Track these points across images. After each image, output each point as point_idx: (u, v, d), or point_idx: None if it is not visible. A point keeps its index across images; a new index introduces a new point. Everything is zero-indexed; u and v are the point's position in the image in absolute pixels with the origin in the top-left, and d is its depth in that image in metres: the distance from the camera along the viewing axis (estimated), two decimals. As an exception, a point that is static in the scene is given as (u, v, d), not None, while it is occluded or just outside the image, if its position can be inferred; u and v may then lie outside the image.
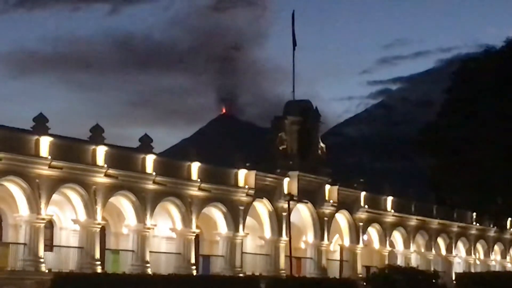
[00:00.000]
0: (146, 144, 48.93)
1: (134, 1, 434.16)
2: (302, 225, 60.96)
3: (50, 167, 42.67)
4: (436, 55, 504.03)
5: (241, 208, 54.36)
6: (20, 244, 42.38)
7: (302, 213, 60.38)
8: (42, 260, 42.49)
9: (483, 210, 50.26)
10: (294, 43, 62.47)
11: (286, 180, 57.60)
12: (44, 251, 43.12)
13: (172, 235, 51.39)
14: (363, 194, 65.48)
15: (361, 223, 65.39)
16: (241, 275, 52.91)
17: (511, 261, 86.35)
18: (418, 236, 73.04)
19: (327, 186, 61.47)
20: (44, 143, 42.53)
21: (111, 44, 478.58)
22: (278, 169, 57.51)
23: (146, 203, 47.99)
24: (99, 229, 45.80)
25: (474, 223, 78.79)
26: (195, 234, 51.44)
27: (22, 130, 43.04)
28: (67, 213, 46.61)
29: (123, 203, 47.93)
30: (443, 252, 77.12)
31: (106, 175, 45.51)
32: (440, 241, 76.47)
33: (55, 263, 44.35)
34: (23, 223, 42.65)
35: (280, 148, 58.51)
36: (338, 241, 65.55)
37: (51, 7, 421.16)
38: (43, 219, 42.74)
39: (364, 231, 65.98)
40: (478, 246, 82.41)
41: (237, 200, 54.14)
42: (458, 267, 78.62)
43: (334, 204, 61.80)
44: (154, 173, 48.15)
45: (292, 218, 56.18)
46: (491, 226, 75.51)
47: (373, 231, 67.94)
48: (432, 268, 66.09)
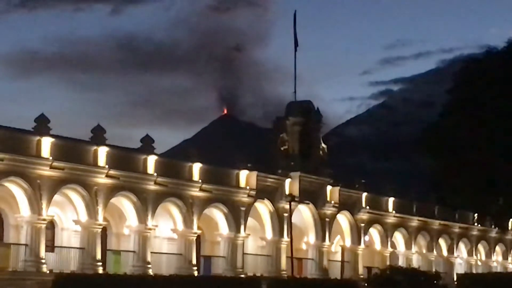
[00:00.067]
0: (147, 145, 48.93)
1: (135, 1, 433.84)
2: (303, 226, 60.93)
3: (51, 167, 42.68)
4: (438, 56, 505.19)
5: (242, 208, 54.34)
6: (21, 245, 42.40)
7: (304, 214, 60.36)
8: (43, 261, 42.49)
9: (484, 211, 50.17)
10: (296, 44, 62.49)
11: (288, 180, 57.57)
12: (45, 251, 43.13)
13: (174, 236, 51.39)
14: (364, 195, 65.45)
15: (362, 224, 65.37)
16: (242, 276, 52.89)
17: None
18: (420, 237, 73.01)
19: (329, 187, 61.46)
20: (46, 144, 42.54)
21: (112, 45, 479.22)
22: (279, 169, 57.51)
23: (147, 204, 47.99)
24: (100, 229, 45.81)
25: (476, 224, 78.67)
26: (196, 235, 51.45)
27: (24, 130, 43.04)
28: (69, 213, 46.61)
29: (125, 204, 47.93)
30: (445, 253, 77.06)
31: (107, 176, 45.50)
32: (441, 242, 76.41)
33: (56, 264, 44.36)
34: (24, 223, 42.66)
35: (282, 148, 58.49)
36: (340, 242, 65.53)
37: (53, 7, 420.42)
38: (44, 220, 42.75)
39: (366, 232, 65.94)
40: (480, 247, 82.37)
41: (238, 201, 54.12)
42: (459, 268, 78.59)
43: (336, 205, 61.77)
44: (155, 173, 48.14)
45: (294, 219, 56.14)
46: (493, 227, 75.37)
47: (374, 232, 67.92)
48: (433, 269, 66.17)
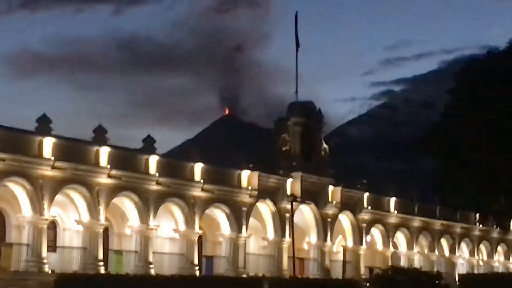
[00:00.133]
0: (149, 145, 48.95)
1: (137, 2, 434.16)
2: (305, 226, 60.94)
3: (53, 168, 42.69)
4: (439, 56, 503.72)
5: (244, 209, 54.34)
6: (23, 245, 42.37)
7: (305, 214, 60.36)
8: (45, 261, 42.48)
9: (486, 211, 50.24)
10: (297, 44, 62.42)
11: (289, 181, 57.57)
12: (47, 252, 43.14)
13: (175, 236, 51.38)
14: (366, 195, 65.43)
15: (364, 224, 65.36)
16: (244, 276, 52.84)
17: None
18: (421, 237, 72.99)
19: (330, 187, 61.44)
20: (47, 144, 42.55)
21: (113, 45, 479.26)
22: (281, 170, 57.49)
23: (149, 204, 48.01)
24: (102, 230, 45.80)
25: (477, 224, 78.69)
26: (198, 235, 51.48)
27: (25, 131, 42.97)
28: (70, 214, 46.61)
29: (126, 204, 47.95)
30: (446, 253, 77.02)
31: (109, 176, 45.52)
32: (443, 242, 76.37)
33: (58, 264, 44.35)
34: (26, 223, 42.64)
35: (283, 149, 58.47)
36: (341, 242, 65.49)
37: (55, 8, 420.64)
38: (46, 220, 42.76)
39: (367, 232, 65.93)
40: (482, 247, 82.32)
41: (240, 201, 54.13)
42: (461, 268, 78.52)
43: (337, 205, 61.76)
44: (157, 174, 48.16)
45: (295, 219, 56.17)
46: (494, 227, 75.45)
47: (376, 232, 67.92)
48: (435, 269, 65.96)
